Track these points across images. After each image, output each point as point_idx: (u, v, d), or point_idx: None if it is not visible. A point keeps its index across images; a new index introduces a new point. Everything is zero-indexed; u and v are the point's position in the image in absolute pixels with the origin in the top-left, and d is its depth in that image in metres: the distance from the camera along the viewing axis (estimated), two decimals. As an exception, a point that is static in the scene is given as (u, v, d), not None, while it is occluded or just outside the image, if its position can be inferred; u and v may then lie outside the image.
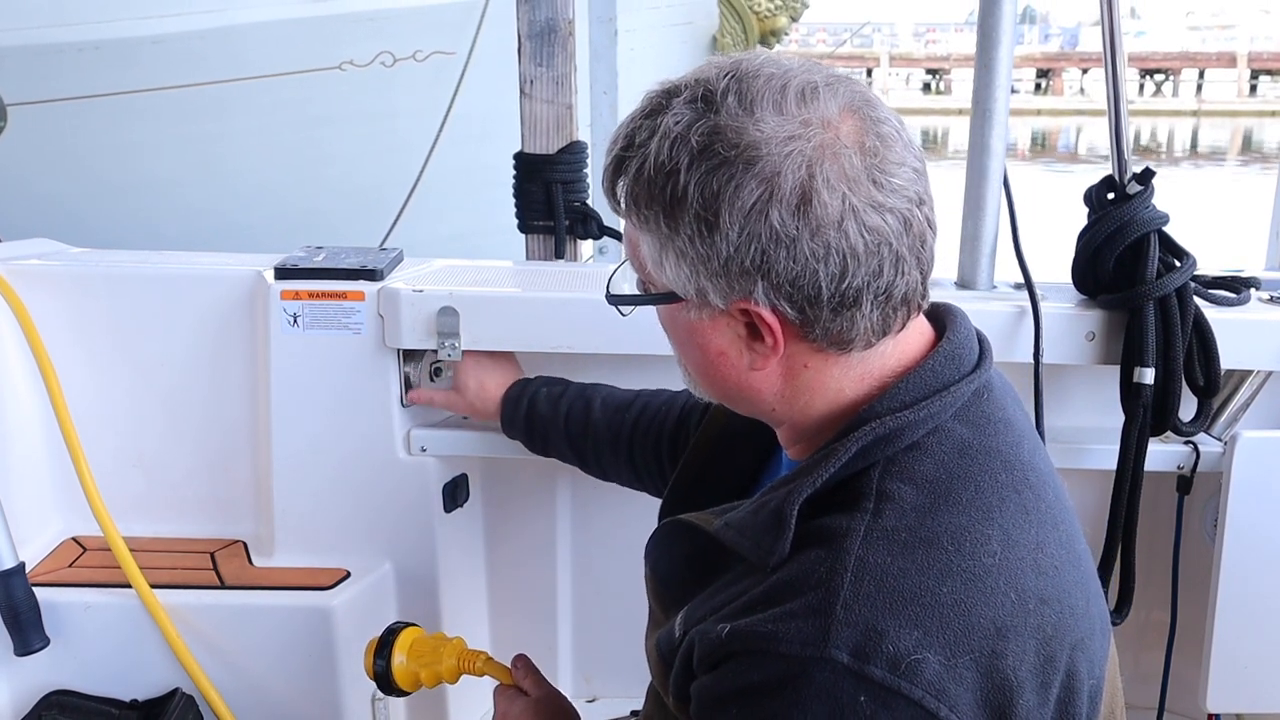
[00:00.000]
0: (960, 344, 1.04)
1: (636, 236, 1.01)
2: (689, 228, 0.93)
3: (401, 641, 1.58)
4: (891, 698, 0.85)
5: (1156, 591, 1.99)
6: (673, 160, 0.93)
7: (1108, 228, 1.83)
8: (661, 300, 1.02)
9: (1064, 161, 24.26)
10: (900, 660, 0.86)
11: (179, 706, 1.89)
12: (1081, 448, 1.92)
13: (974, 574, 0.90)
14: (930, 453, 0.97)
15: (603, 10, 4.01)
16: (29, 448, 2.00)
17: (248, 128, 6.63)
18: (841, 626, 0.87)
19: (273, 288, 1.92)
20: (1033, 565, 0.95)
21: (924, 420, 0.97)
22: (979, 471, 0.97)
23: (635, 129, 0.98)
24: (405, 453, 1.98)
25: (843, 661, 0.85)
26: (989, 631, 0.89)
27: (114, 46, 6.30)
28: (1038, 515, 0.99)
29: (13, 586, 1.82)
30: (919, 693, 0.85)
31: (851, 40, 43.39)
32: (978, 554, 0.92)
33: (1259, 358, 1.90)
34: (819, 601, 0.88)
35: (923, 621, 0.87)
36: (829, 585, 0.89)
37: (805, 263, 0.92)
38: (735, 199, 0.91)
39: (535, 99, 2.70)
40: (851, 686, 0.85)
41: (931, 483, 0.95)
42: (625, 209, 1.00)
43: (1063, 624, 0.94)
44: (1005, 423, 1.04)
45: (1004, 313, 1.85)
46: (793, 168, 0.90)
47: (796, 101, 0.93)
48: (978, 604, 0.89)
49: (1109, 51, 1.85)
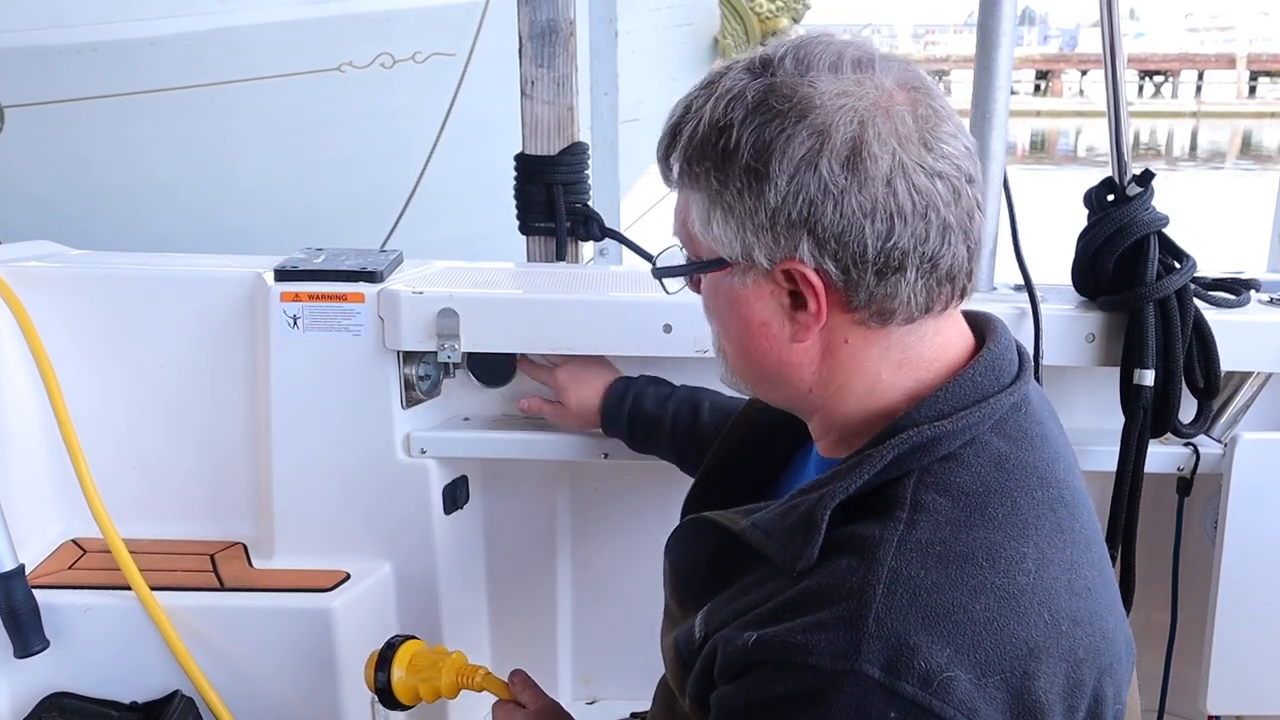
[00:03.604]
0: (1001, 354, 1.02)
1: (687, 203, 1.01)
2: (738, 180, 0.93)
3: (401, 655, 1.58)
4: (922, 715, 0.84)
5: (1156, 593, 1.99)
6: (727, 116, 0.94)
7: (1107, 229, 1.83)
8: (706, 268, 1.01)
9: (1063, 163, 24.26)
10: (932, 677, 0.84)
11: (179, 709, 1.89)
12: (1081, 449, 1.91)
13: (1008, 592, 0.89)
14: (967, 465, 0.95)
15: (604, 11, 4.01)
16: (29, 449, 2.00)
17: (247, 129, 6.63)
18: (873, 640, 0.85)
19: (273, 289, 1.92)
20: (1067, 586, 0.93)
21: (962, 431, 0.95)
22: (1015, 487, 0.95)
23: (693, 98, 0.99)
24: (405, 454, 1.97)
25: (874, 676, 0.84)
26: (1021, 652, 0.87)
27: (112, 48, 6.30)
28: (1072, 535, 0.97)
29: (12, 588, 1.82)
30: (950, 711, 0.84)
31: (851, 41, 43.42)
32: (1012, 572, 0.90)
33: (1259, 359, 1.90)
34: (850, 613, 0.87)
35: (955, 639, 0.86)
36: (861, 596, 0.87)
37: (852, 217, 0.91)
38: (785, 149, 0.91)
39: (536, 100, 2.70)
40: (882, 702, 0.84)
41: (967, 496, 0.93)
42: (679, 173, 1.00)
43: (1094, 647, 0.93)
44: (1043, 438, 1.02)
45: (1004, 314, 1.84)
46: (844, 120, 0.91)
47: (853, 67, 0.94)
48: (1011, 623, 0.88)
49: (1108, 53, 1.85)
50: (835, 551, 0.92)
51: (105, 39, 6.27)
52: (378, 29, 6.64)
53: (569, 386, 1.85)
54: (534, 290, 1.97)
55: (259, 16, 6.43)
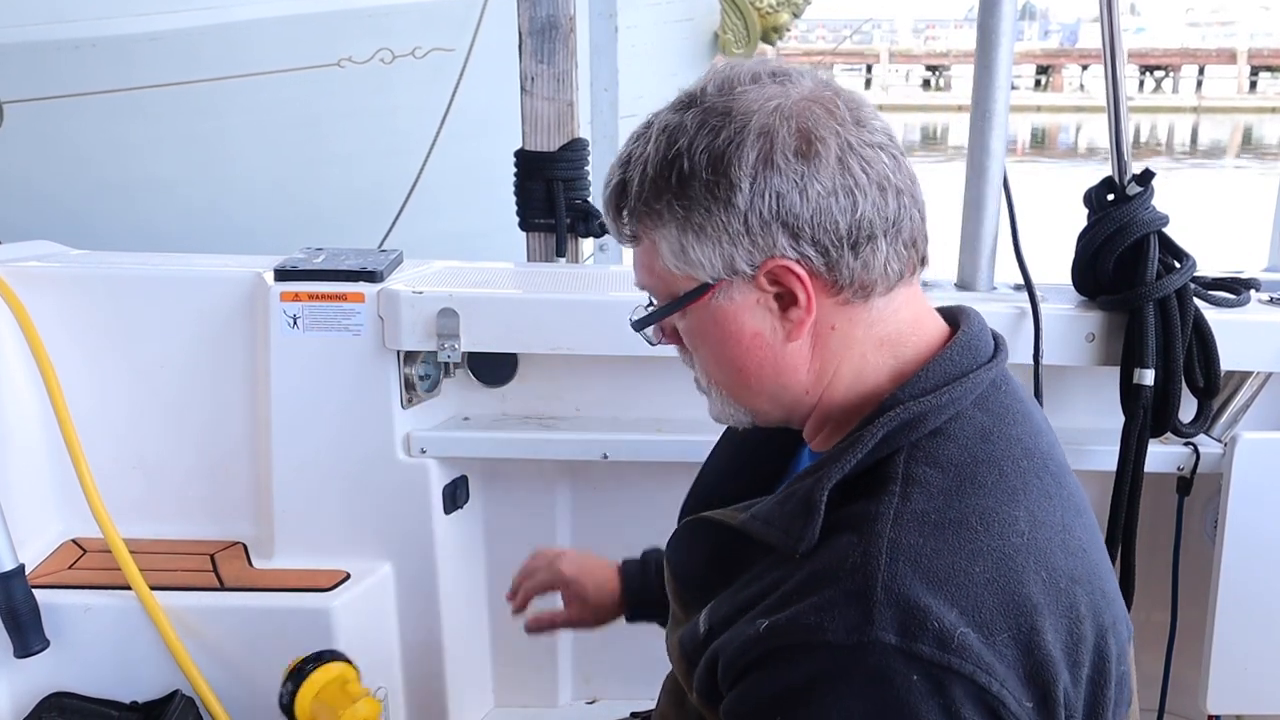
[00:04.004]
0: (976, 335, 1.06)
1: (653, 245, 1.03)
2: (704, 198, 0.97)
3: (318, 677, 1.59)
4: (944, 674, 0.85)
5: (1156, 592, 1.99)
6: (673, 147, 0.98)
7: (1107, 229, 1.83)
8: (690, 299, 1.02)
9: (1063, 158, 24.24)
10: (947, 636, 0.86)
11: (178, 708, 1.89)
12: (1081, 449, 1.92)
13: (1004, 553, 0.91)
14: (953, 438, 0.98)
15: (603, 7, 4.00)
16: (29, 449, 2.00)
17: (246, 125, 6.62)
18: (883, 608, 0.86)
19: (272, 289, 1.92)
20: (1061, 545, 0.96)
21: (946, 406, 0.99)
22: (1001, 457, 0.98)
23: (629, 152, 1.03)
24: (405, 454, 1.97)
25: (891, 642, 0.85)
26: (1024, 609, 0.89)
27: (111, 44, 6.28)
28: (1060, 500, 1.00)
29: (12, 588, 1.82)
30: (970, 667, 0.85)
31: (852, 37, 43.33)
32: (1007, 534, 0.92)
33: (1259, 359, 1.90)
34: (857, 587, 0.88)
35: (960, 600, 0.88)
36: (865, 569, 0.89)
37: (819, 200, 0.96)
38: (740, 156, 0.95)
39: (536, 96, 2.70)
40: (904, 666, 0.85)
41: (957, 466, 0.96)
42: (639, 217, 1.02)
43: (1094, 605, 0.95)
44: (1024, 414, 1.05)
45: (1004, 314, 1.85)
46: (783, 118, 0.97)
47: (770, 79, 1.00)
48: (1011, 583, 0.90)
49: (1109, 55, 1.84)
50: (835, 531, 0.94)
51: (104, 34, 6.26)
52: (377, 24, 6.62)
53: (579, 577, 1.59)
54: (534, 290, 1.97)
55: (258, 12, 6.41)
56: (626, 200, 1.02)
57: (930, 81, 44.15)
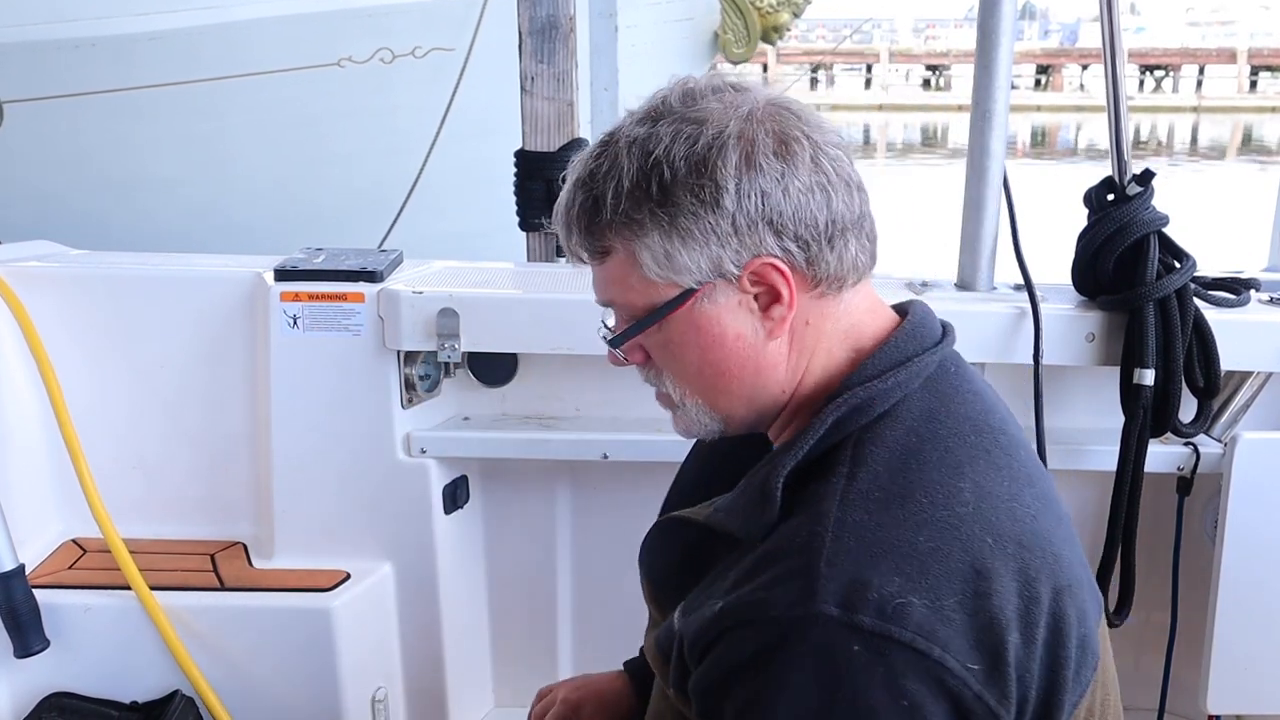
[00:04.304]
0: (921, 323, 1.10)
1: (630, 256, 1.04)
2: (690, 202, 0.99)
3: None
4: (883, 643, 0.87)
5: (1157, 593, 1.99)
6: (650, 156, 1.00)
7: (1107, 229, 1.83)
8: (674, 305, 1.04)
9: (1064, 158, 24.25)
10: (886, 605, 0.88)
11: (179, 709, 1.89)
12: (1081, 449, 1.92)
13: (949, 523, 0.94)
14: (900, 419, 1.02)
15: (604, 6, 4.00)
16: (29, 449, 2.00)
17: (246, 124, 6.62)
18: (826, 582, 0.89)
19: (272, 289, 1.92)
20: (1008, 513, 0.98)
21: (892, 390, 1.03)
22: (947, 434, 1.02)
23: (590, 170, 1.04)
24: (405, 454, 1.97)
25: (832, 614, 0.88)
26: (969, 574, 0.92)
27: (111, 43, 6.28)
28: (1010, 472, 1.03)
29: (12, 588, 1.82)
30: (909, 635, 0.87)
31: (852, 36, 43.31)
32: (951, 504, 0.96)
33: (1259, 359, 1.90)
34: (803, 563, 0.92)
35: (903, 569, 0.90)
36: (810, 546, 0.92)
37: (798, 198, 1.01)
38: (723, 159, 0.99)
39: (536, 96, 2.70)
40: (844, 637, 0.88)
41: (903, 445, 1.00)
42: (614, 231, 1.03)
43: (1044, 567, 0.97)
44: (975, 394, 1.09)
45: (1004, 314, 1.85)
46: (757, 122, 1.01)
47: (730, 90, 1.04)
48: (955, 550, 0.93)
49: (1109, 54, 1.84)
50: (788, 515, 0.99)
51: (104, 34, 6.26)
52: (377, 24, 6.62)
53: (585, 698, 1.55)
54: (534, 290, 1.97)
55: (258, 11, 6.41)
56: (600, 215, 1.03)
57: (930, 81, 44.11)
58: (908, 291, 1.95)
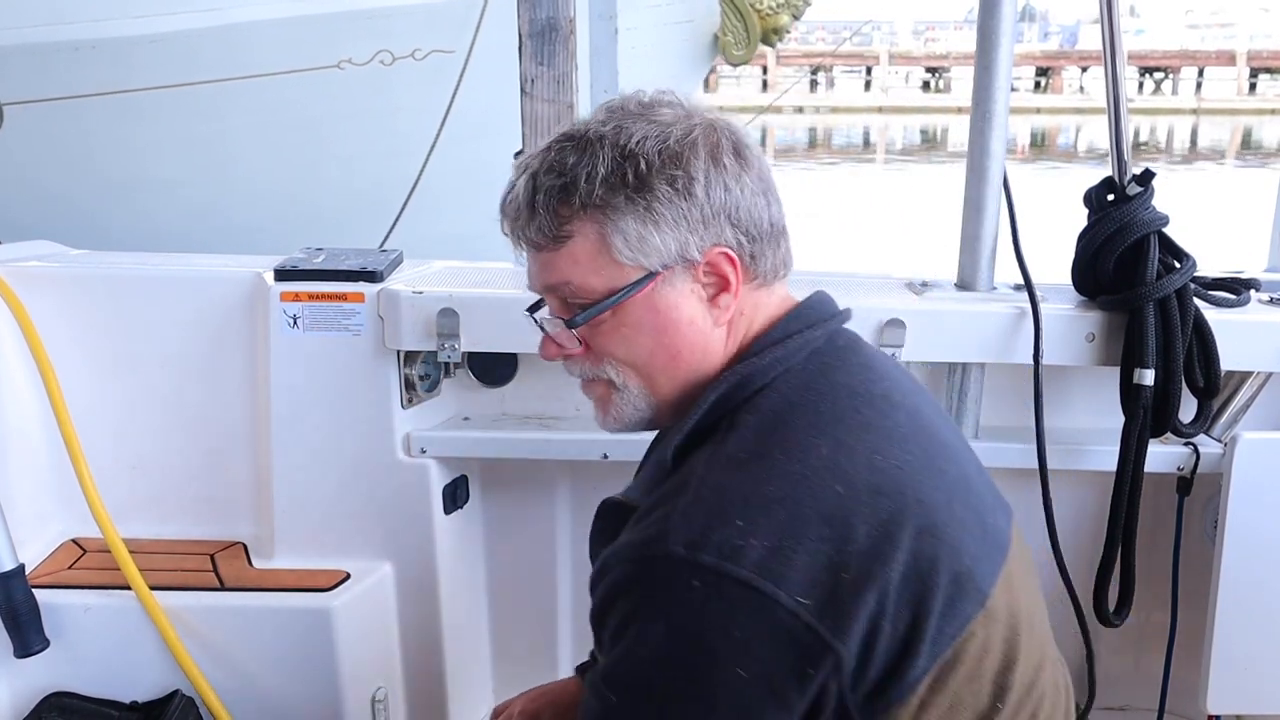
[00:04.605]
0: (811, 304, 1.20)
1: (599, 241, 1.10)
2: (665, 189, 1.08)
3: None
4: (720, 580, 0.96)
5: (1156, 593, 1.99)
6: (623, 146, 1.09)
7: (1108, 229, 1.83)
8: (636, 288, 1.10)
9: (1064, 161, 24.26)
10: (726, 546, 0.97)
11: (178, 708, 1.89)
12: (1081, 449, 1.92)
13: (799, 475, 1.02)
14: (777, 390, 1.11)
15: (603, 8, 4.00)
16: (29, 449, 2.00)
17: (246, 126, 6.62)
18: (677, 528, 0.99)
19: (272, 289, 1.92)
20: (866, 464, 1.05)
21: (770, 366, 1.12)
22: (819, 399, 1.10)
23: (558, 158, 1.11)
24: (405, 454, 1.97)
25: (678, 553, 0.97)
26: (813, 519, 0.99)
27: (111, 45, 6.28)
28: (881, 430, 1.09)
29: (12, 588, 1.82)
30: (745, 573, 0.96)
31: (851, 39, 43.33)
32: (805, 458, 1.03)
33: (1259, 359, 1.90)
34: (663, 513, 1.02)
35: (749, 516, 0.99)
36: (673, 500, 1.03)
37: (751, 198, 1.12)
38: (694, 153, 1.09)
39: (536, 98, 2.70)
40: (686, 574, 0.97)
41: (774, 411, 1.09)
42: (586, 214, 1.09)
43: (903, 511, 1.03)
44: (863, 366, 1.17)
45: (1004, 314, 1.85)
46: (716, 126, 1.12)
47: (679, 104, 1.14)
48: (803, 498, 1.00)
49: (1109, 55, 1.84)
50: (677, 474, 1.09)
51: (104, 36, 6.26)
52: (377, 26, 6.62)
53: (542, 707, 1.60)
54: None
55: (258, 13, 6.42)
56: (573, 199, 1.09)
57: (930, 83, 44.14)
58: (908, 291, 1.95)
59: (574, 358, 1.18)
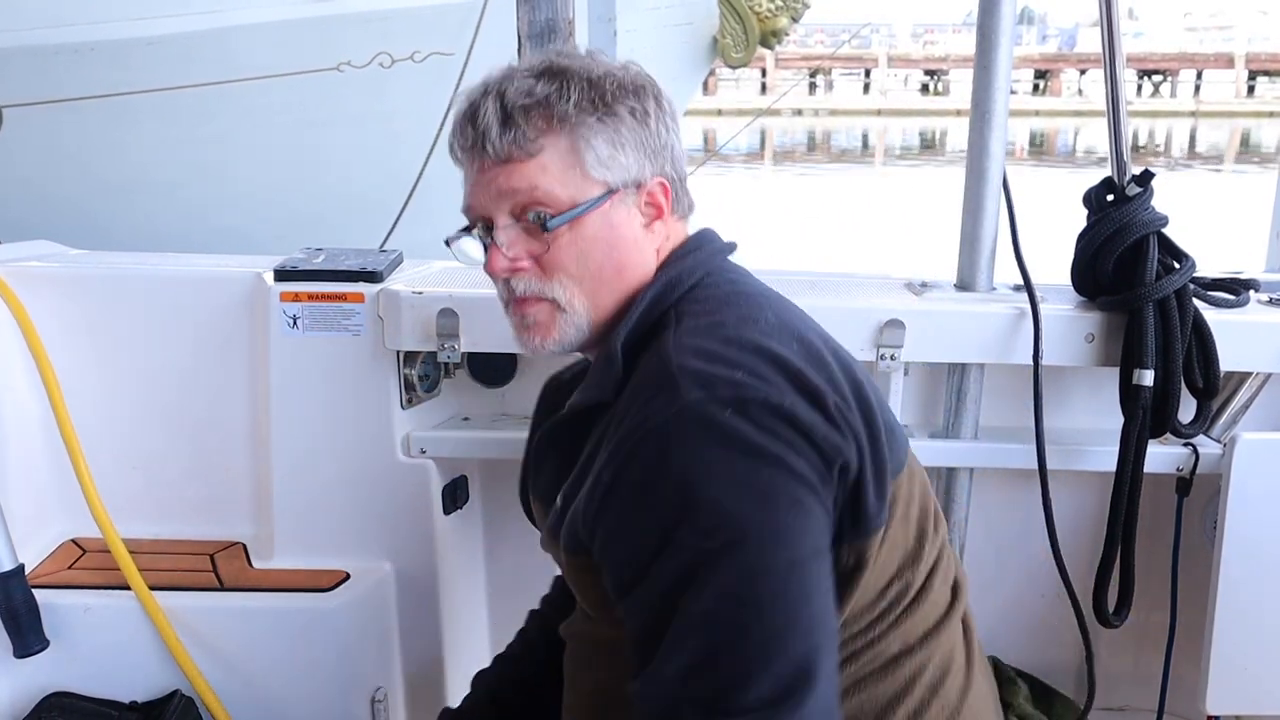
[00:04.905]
0: (707, 232, 1.32)
1: (569, 153, 1.18)
2: (629, 116, 1.21)
3: None
4: (744, 402, 1.06)
5: (1156, 593, 1.99)
6: (590, 76, 1.20)
7: (1107, 229, 1.84)
8: (598, 202, 1.20)
9: (1062, 164, 24.27)
10: (734, 381, 1.07)
11: (178, 708, 1.89)
12: (1081, 449, 1.92)
13: (761, 331, 1.15)
14: (708, 287, 1.23)
15: (602, 10, 4.01)
16: (28, 449, 2.00)
17: (246, 129, 6.63)
18: (684, 381, 1.07)
19: (272, 289, 1.92)
20: (805, 326, 1.21)
21: (694, 267, 1.24)
22: (749, 292, 1.24)
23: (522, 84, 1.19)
24: (405, 455, 1.98)
25: (698, 396, 1.06)
26: (786, 358, 1.12)
27: (109, 48, 6.29)
28: (804, 322, 1.23)
29: (12, 588, 1.82)
30: (761, 392, 1.07)
31: (850, 41, 43.37)
32: (758, 322, 1.17)
33: (1258, 359, 1.90)
34: (659, 382, 1.09)
35: (735, 362, 1.10)
36: (662, 368, 1.10)
37: (677, 139, 1.26)
38: (647, 91, 1.24)
39: (535, 100, 2.69)
40: (717, 408, 1.05)
41: (715, 299, 1.21)
42: (562, 124, 1.18)
43: (845, 361, 1.19)
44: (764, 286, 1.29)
45: (1004, 314, 1.85)
46: (647, 76, 1.26)
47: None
48: (770, 345, 1.12)
49: (1108, 54, 1.85)
50: (637, 372, 1.16)
51: (102, 39, 6.27)
52: (376, 28, 6.63)
53: None
54: (534, 290, 1.96)
55: (257, 16, 6.43)
56: (550, 112, 1.18)
57: (929, 86, 44.17)
58: (907, 292, 1.96)
59: (522, 272, 1.23)
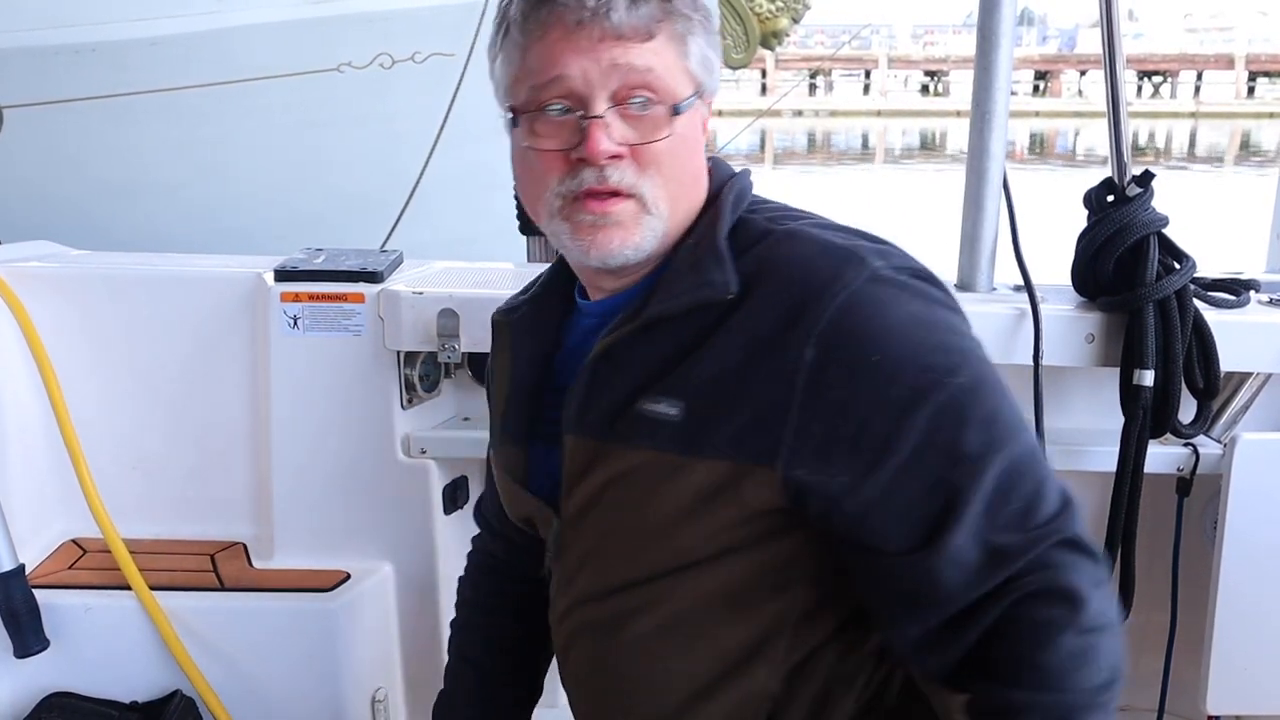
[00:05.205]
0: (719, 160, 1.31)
1: (681, 47, 1.15)
2: (709, 26, 1.18)
3: None
4: (904, 271, 1.11)
5: (1156, 593, 1.99)
6: None
7: (1107, 230, 1.84)
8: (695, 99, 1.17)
9: (1061, 165, 24.27)
10: (892, 250, 1.13)
11: (178, 709, 1.89)
12: (1081, 449, 1.92)
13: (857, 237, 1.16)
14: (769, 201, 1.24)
15: (602, 12, 4.00)
16: (29, 449, 2.00)
17: (246, 129, 6.62)
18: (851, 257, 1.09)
19: (273, 290, 1.92)
20: None
21: (747, 183, 1.24)
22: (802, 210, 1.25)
23: None
24: (405, 455, 1.98)
25: (880, 265, 1.09)
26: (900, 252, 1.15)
27: (110, 48, 6.28)
28: None
29: (12, 588, 1.82)
30: (910, 263, 1.13)
31: (850, 42, 43.39)
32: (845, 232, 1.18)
33: (1258, 360, 1.90)
34: (834, 255, 1.10)
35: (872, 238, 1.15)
36: (826, 248, 1.11)
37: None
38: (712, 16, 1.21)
39: (535, 100, 2.69)
40: (893, 273, 1.10)
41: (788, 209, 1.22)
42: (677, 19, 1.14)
43: None
44: None
45: (1004, 315, 1.85)
46: None
47: None
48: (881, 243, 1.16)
49: (1108, 54, 1.85)
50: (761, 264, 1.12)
51: (103, 39, 6.26)
52: (376, 29, 6.62)
53: None
54: (534, 290, 1.96)
55: (257, 16, 6.42)
56: (670, 3, 1.13)
57: (929, 87, 44.19)
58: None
59: (618, 161, 1.12)
